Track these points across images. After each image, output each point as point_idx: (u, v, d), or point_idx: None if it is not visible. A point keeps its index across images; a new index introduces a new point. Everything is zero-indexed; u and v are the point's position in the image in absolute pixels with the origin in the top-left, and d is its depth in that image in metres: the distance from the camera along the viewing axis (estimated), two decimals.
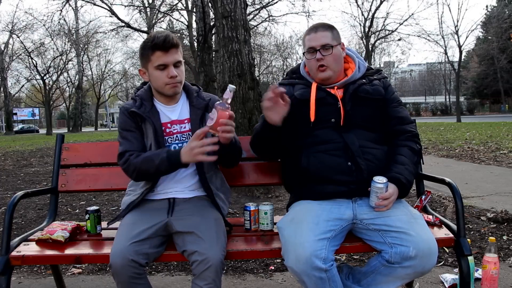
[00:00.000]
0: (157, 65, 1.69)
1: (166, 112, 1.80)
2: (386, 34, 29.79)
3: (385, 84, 1.86)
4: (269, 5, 17.96)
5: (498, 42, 32.49)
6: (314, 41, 1.78)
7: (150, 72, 1.73)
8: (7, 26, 30.79)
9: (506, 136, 11.34)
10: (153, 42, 1.67)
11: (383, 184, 1.61)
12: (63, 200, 4.82)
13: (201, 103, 1.82)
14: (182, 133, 1.80)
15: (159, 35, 1.68)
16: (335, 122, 1.75)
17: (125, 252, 1.55)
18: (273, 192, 4.42)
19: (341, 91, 1.81)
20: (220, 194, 1.85)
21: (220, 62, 4.58)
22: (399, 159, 1.72)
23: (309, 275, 1.49)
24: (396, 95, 1.87)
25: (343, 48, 1.85)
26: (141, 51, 1.74)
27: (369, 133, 1.76)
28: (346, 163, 1.69)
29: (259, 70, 35.02)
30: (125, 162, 1.72)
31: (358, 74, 1.84)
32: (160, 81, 1.72)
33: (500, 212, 3.40)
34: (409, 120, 1.84)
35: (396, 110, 1.83)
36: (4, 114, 39.84)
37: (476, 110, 43.84)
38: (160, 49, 1.67)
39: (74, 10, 25.56)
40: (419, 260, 1.54)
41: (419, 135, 1.85)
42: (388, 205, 1.64)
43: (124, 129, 1.77)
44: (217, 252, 1.57)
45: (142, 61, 1.76)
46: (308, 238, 1.53)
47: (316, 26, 1.82)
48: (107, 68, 42.56)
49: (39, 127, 52.78)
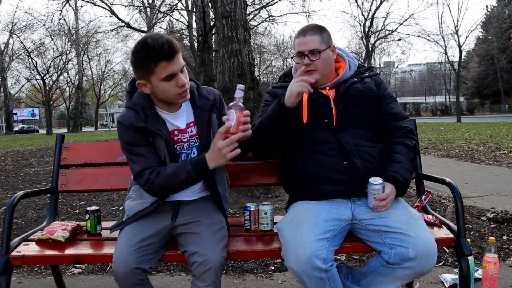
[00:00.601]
0: (164, 76, 1.52)
1: (171, 120, 1.67)
2: (386, 34, 29.80)
3: (377, 81, 1.85)
4: (269, 5, 17.97)
5: (498, 42, 32.48)
6: (302, 45, 1.75)
7: (155, 85, 1.55)
8: (7, 26, 30.85)
9: (506, 136, 11.34)
10: (156, 53, 1.47)
11: (379, 185, 1.61)
12: (63, 200, 4.82)
13: (206, 104, 1.70)
14: (190, 138, 1.70)
15: (157, 42, 1.48)
16: (328, 122, 1.74)
17: (129, 259, 1.53)
18: (273, 192, 4.42)
19: (333, 91, 1.80)
20: (226, 195, 1.84)
21: (220, 62, 4.58)
22: (395, 157, 1.72)
23: (309, 275, 1.49)
24: (388, 92, 1.86)
25: (334, 50, 1.82)
26: (139, 63, 1.53)
27: (364, 131, 1.76)
28: (341, 162, 1.69)
29: (259, 70, 35.02)
30: (146, 182, 1.59)
31: (349, 73, 1.83)
32: (170, 92, 1.56)
33: (500, 212, 3.40)
34: (403, 115, 1.84)
35: (389, 106, 1.82)
36: (4, 114, 39.84)
37: (476, 110, 43.84)
38: (166, 59, 1.49)
39: (74, 10, 25.58)
40: (418, 261, 1.54)
41: (414, 130, 1.85)
42: (387, 205, 1.64)
43: (134, 144, 1.61)
44: (217, 254, 1.56)
45: (141, 73, 1.55)
46: (308, 239, 1.53)
47: (305, 29, 1.78)
48: (107, 68, 42.64)
49: (39, 127, 52.78)
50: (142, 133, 1.60)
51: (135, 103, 1.64)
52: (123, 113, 1.65)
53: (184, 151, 1.70)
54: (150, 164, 1.61)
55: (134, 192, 1.77)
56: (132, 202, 1.74)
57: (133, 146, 1.62)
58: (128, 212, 1.73)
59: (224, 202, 1.80)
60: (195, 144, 1.71)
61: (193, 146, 1.71)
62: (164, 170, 1.60)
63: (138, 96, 1.66)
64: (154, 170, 1.60)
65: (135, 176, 1.64)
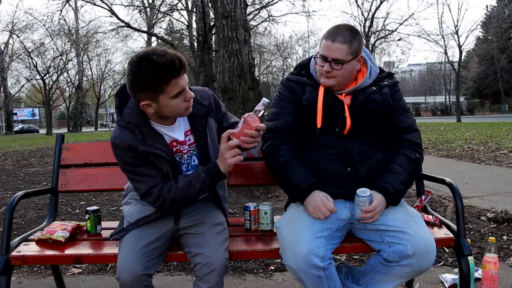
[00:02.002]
0: (175, 94, 1.44)
1: (168, 133, 1.61)
2: (386, 34, 29.79)
3: (393, 90, 1.77)
4: (269, 5, 17.98)
5: (498, 42, 32.48)
6: (327, 50, 1.65)
7: (164, 103, 1.46)
8: (7, 26, 30.85)
9: (506, 136, 11.34)
10: (167, 71, 1.39)
11: (366, 198, 1.58)
12: (63, 200, 4.82)
13: (202, 110, 1.64)
14: (189, 147, 1.67)
15: (165, 59, 1.38)
16: (339, 131, 1.70)
17: (135, 266, 1.51)
18: (273, 192, 4.42)
19: (349, 98, 1.73)
20: (226, 196, 1.84)
21: (220, 62, 4.58)
22: (391, 168, 1.69)
23: (307, 273, 1.49)
24: (401, 102, 1.79)
25: (360, 60, 1.72)
26: (146, 83, 1.41)
27: (372, 139, 1.73)
28: (345, 169, 1.68)
29: (259, 70, 35.01)
30: (157, 199, 1.54)
31: (368, 81, 1.75)
32: (179, 108, 1.49)
33: (500, 212, 3.40)
34: (413, 129, 1.76)
35: (400, 119, 1.76)
36: (4, 114, 39.84)
37: (476, 110, 43.83)
38: (177, 75, 1.42)
39: (74, 10, 25.55)
40: (417, 259, 1.54)
41: (420, 144, 1.77)
42: (374, 216, 1.61)
43: (135, 165, 1.54)
44: (221, 255, 1.56)
45: (147, 93, 1.44)
46: (305, 237, 1.53)
47: (336, 33, 1.64)
48: (107, 68, 42.56)
49: (39, 127, 52.76)
50: (141, 154, 1.53)
51: (128, 121, 1.54)
52: (116, 132, 1.55)
53: (184, 162, 1.67)
54: (157, 182, 1.55)
55: (132, 198, 1.73)
56: (132, 208, 1.70)
57: (134, 167, 1.55)
58: (129, 218, 1.69)
59: (224, 202, 1.81)
60: (194, 152, 1.68)
61: (193, 154, 1.69)
62: (176, 184, 1.55)
63: (130, 113, 1.54)
64: (164, 186, 1.55)
65: (142, 195, 1.58)
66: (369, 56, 1.80)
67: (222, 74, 4.49)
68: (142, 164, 1.55)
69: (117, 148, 1.54)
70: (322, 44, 1.68)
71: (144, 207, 1.68)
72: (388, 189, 1.64)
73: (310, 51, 35.96)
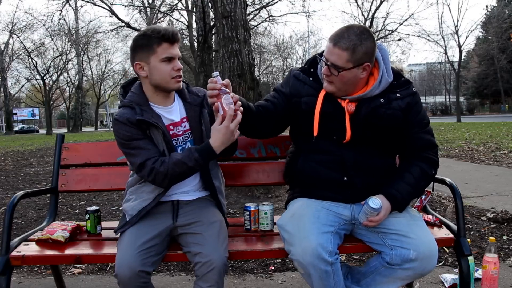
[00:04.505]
0: (164, 57, 1.60)
1: (165, 114, 1.70)
2: (386, 34, 29.74)
3: (410, 103, 1.63)
4: (269, 5, 17.95)
5: (498, 42, 32.47)
6: (328, 53, 1.56)
7: (154, 65, 1.62)
8: (7, 26, 30.83)
9: (506, 136, 11.33)
10: (160, 34, 1.59)
11: (376, 210, 1.57)
12: (63, 200, 4.82)
13: (196, 99, 1.77)
14: (184, 133, 1.74)
15: (162, 27, 1.62)
16: (337, 139, 1.65)
17: (133, 262, 1.52)
18: (273, 192, 4.42)
19: (354, 105, 1.62)
20: (222, 189, 1.85)
21: (220, 62, 4.58)
22: (406, 178, 1.63)
23: (315, 267, 1.48)
24: (420, 118, 1.65)
25: (367, 68, 1.57)
26: (142, 42, 1.62)
27: (372, 147, 1.67)
28: (341, 178, 1.66)
29: (259, 70, 35.00)
30: (151, 172, 1.59)
31: (376, 91, 1.62)
32: (166, 74, 1.63)
33: (500, 212, 3.40)
34: (431, 146, 1.67)
35: (417, 137, 1.65)
36: (4, 114, 39.82)
37: (476, 110, 43.83)
38: (168, 41, 1.60)
39: (74, 10, 25.55)
40: (419, 262, 1.54)
41: (438, 162, 1.69)
42: (377, 223, 1.60)
43: (132, 139, 1.62)
44: (221, 254, 1.56)
45: (142, 54, 1.63)
46: (312, 231, 1.53)
47: (339, 38, 1.53)
48: (107, 68, 42.54)
49: (39, 127, 52.75)
50: (139, 127, 1.62)
51: (129, 100, 1.68)
52: (118, 112, 1.67)
53: (179, 145, 1.72)
54: (152, 155, 1.61)
55: (132, 194, 1.75)
56: (133, 202, 1.73)
57: (131, 141, 1.62)
58: (131, 211, 1.71)
59: (220, 196, 1.82)
60: (188, 139, 1.74)
61: (187, 140, 1.74)
62: (168, 159, 1.60)
63: (132, 95, 1.70)
64: (157, 159, 1.60)
65: (137, 168, 1.63)
66: (386, 59, 1.64)
67: (222, 74, 4.49)
68: (139, 138, 1.63)
69: (116, 124, 1.64)
70: (326, 45, 1.60)
71: (143, 199, 1.70)
72: (397, 198, 1.61)
73: (310, 51, 35.94)
